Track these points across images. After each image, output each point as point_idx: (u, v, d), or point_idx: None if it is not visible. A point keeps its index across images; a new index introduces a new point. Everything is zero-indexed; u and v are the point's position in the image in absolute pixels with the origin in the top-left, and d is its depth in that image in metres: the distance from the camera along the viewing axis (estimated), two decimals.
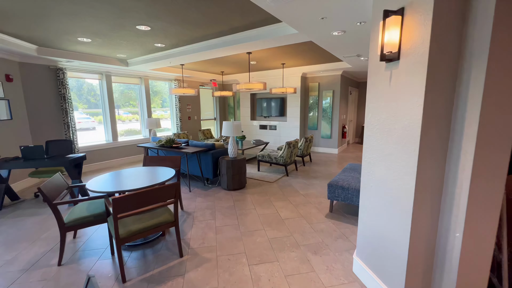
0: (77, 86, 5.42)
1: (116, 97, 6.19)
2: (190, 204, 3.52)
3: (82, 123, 5.57)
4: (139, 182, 2.38)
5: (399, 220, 1.53)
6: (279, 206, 3.40)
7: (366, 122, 1.81)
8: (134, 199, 1.93)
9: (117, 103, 6.16)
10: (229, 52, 4.20)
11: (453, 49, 1.32)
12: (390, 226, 1.61)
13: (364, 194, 1.87)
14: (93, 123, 5.70)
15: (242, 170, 4.07)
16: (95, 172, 5.33)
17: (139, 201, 1.96)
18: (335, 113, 6.90)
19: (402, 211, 1.51)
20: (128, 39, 3.84)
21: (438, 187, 1.45)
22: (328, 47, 3.87)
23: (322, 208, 3.31)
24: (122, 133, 6.34)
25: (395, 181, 1.56)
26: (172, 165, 3.23)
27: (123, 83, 6.15)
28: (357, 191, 2.85)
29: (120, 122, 6.29)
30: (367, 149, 1.82)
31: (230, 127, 3.93)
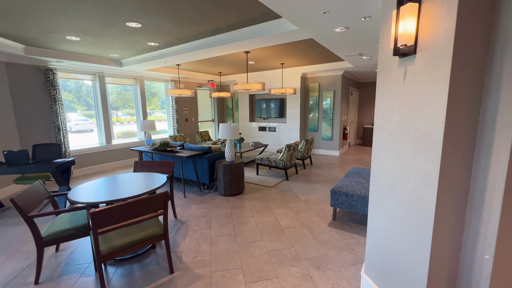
0: (76, 87, 5.27)
1: (113, 98, 6.05)
2: (185, 211, 3.32)
3: (79, 125, 5.41)
4: (126, 191, 2.18)
5: (417, 237, 1.33)
6: (278, 214, 3.20)
7: (376, 125, 1.62)
8: (117, 212, 1.73)
9: (115, 104, 6.04)
10: (226, 51, 4.02)
11: (482, 41, 1.13)
12: (405, 243, 1.42)
13: (374, 205, 1.67)
14: (90, 125, 5.56)
15: (239, 174, 3.87)
16: (87, 176, 5.12)
17: (123, 214, 1.76)
18: (336, 114, 6.71)
19: (421, 228, 1.31)
20: (119, 38, 3.65)
21: (462, 201, 1.26)
22: (329, 45, 3.69)
23: (325, 216, 3.11)
24: (119, 135, 6.18)
25: (411, 193, 1.36)
26: (164, 171, 3.03)
27: (117, 84, 5.96)
28: (362, 198, 2.65)
29: (118, 123, 6.17)
30: (377, 155, 1.63)
31: (227, 130, 3.73)
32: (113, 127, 5.93)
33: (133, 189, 2.24)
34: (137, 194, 2.10)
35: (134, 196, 2.08)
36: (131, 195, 2.09)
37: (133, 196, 2.07)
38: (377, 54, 4.43)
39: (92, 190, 2.22)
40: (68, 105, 5.19)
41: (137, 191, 2.17)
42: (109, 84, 5.80)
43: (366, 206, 2.63)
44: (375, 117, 1.62)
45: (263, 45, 3.61)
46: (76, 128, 5.37)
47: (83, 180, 4.86)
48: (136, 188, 2.27)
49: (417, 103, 1.30)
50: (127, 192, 2.16)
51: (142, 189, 2.24)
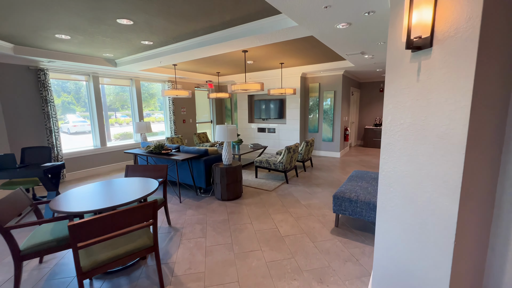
0: (75, 89, 5.19)
1: (111, 99, 5.94)
2: (179, 217, 3.16)
3: (78, 126, 5.32)
4: (114, 199, 2.02)
5: (435, 255, 1.18)
6: (278, 220, 3.04)
7: (385, 127, 1.47)
8: (100, 224, 1.57)
9: (114, 105, 5.95)
10: (223, 50, 3.87)
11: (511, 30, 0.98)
12: (420, 260, 1.26)
13: (382, 215, 1.51)
14: (89, 127, 5.49)
15: (237, 178, 3.71)
16: (80, 180, 4.96)
17: (106, 226, 1.60)
18: (336, 115, 6.56)
19: (439, 244, 1.15)
20: (111, 36, 3.50)
21: (488, 215, 1.10)
22: (330, 44, 3.54)
23: (327, 222, 2.95)
24: (117, 136, 6.07)
25: (427, 203, 1.20)
26: (157, 175, 2.87)
27: (112, 85, 5.80)
28: (367, 204, 2.50)
29: (117, 125, 6.08)
30: (385, 160, 1.47)
31: (224, 132, 3.58)
32: (109, 129, 5.82)
33: (122, 196, 2.08)
34: (125, 202, 1.95)
35: (122, 205, 1.92)
36: (119, 203, 1.93)
37: (120, 204, 1.92)
38: (380, 53, 4.28)
39: (77, 198, 2.06)
40: (67, 107, 5.10)
41: (126, 199, 2.01)
42: (104, 85, 5.65)
43: (371, 212, 2.48)
44: (383, 119, 1.47)
45: (261, 43, 3.46)
46: (75, 130, 5.29)
47: (76, 184, 4.70)
48: (125, 195, 2.11)
49: (434, 102, 1.14)
50: (115, 199, 2.00)
51: (131, 196, 2.08)
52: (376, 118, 8.37)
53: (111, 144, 5.78)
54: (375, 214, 2.45)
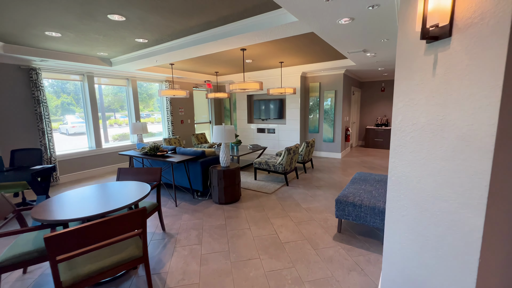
0: (74, 90, 5.13)
1: (110, 100, 5.84)
2: (175, 222, 3.02)
3: (76, 127, 5.25)
4: (102, 205, 1.89)
5: (456, 273, 1.04)
6: (278, 225, 2.90)
7: (395, 128, 1.33)
8: (82, 234, 1.43)
9: (112, 106, 5.87)
10: (220, 48, 3.73)
11: None
12: (436, 277, 1.12)
13: (392, 225, 1.38)
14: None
15: (235, 181, 3.57)
16: (75, 183, 4.82)
17: (89, 236, 1.46)
18: (337, 115, 6.43)
19: (461, 261, 1.01)
20: (104, 33, 3.36)
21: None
22: (332, 40, 3.40)
23: (329, 227, 2.81)
24: (116, 137, 6.01)
25: (445, 215, 1.07)
26: (151, 178, 2.73)
27: (108, 84, 5.67)
28: (371, 208, 2.36)
29: (117, 125, 6.02)
30: (395, 164, 1.33)
31: (222, 133, 3.44)
32: (107, 129, 5.74)
33: (110, 202, 1.94)
34: (113, 209, 1.81)
35: (110, 212, 1.78)
36: (106, 210, 1.79)
37: (108, 211, 1.78)
38: (383, 51, 4.14)
39: (62, 204, 1.92)
40: (66, 108, 5.04)
41: (114, 205, 1.87)
42: (100, 85, 5.52)
43: (376, 218, 2.34)
44: (393, 118, 1.33)
45: (259, 40, 3.32)
46: (73, 131, 5.21)
47: (70, 186, 4.56)
48: (113, 201, 1.97)
49: (453, 99, 1.00)
50: (103, 206, 1.87)
51: (120, 202, 1.94)
52: (378, 118, 8.24)
53: (107, 146, 5.64)
54: (380, 219, 2.31)
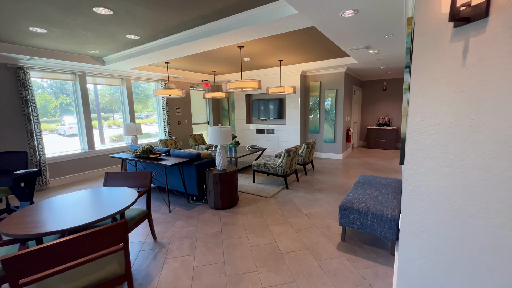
0: (73, 90, 5.04)
1: (106, 100, 5.70)
2: (167, 230, 2.83)
3: (74, 128, 5.14)
4: (81, 216, 1.70)
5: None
6: (277, 232, 2.71)
7: (411, 129, 1.14)
8: (51, 253, 1.24)
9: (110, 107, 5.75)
10: (216, 44, 3.54)
11: None
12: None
13: (408, 242, 1.19)
14: None
15: (232, 184, 3.38)
16: (66, 186, 4.63)
17: (59, 255, 1.27)
18: (338, 115, 6.24)
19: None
20: (92, 29, 3.17)
21: None
22: (334, 36, 3.22)
23: (332, 235, 2.62)
24: (114, 138, 5.90)
25: (481, 236, 0.88)
26: (140, 184, 2.54)
27: (101, 84, 5.48)
28: (379, 216, 2.17)
29: (115, 126, 5.94)
30: (412, 172, 1.14)
31: (217, 134, 3.25)
32: (103, 130, 5.61)
33: (91, 212, 1.75)
34: (93, 221, 1.62)
35: (90, 223, 1.59)
36: (84, 222, 1.60)
37: (87, 224, 1.59)
38: (386, 47, 3.96)
39: (39, 214, 1.73)
40: (65, 108, 4.98)
41: (95, 216, 1.69)
42: (91, 84, 5.33)
43: (384, 226, 2.15)
44: (409, 117, 1.14)
45: (257, 35, 3.14)
46: (71, 132, 5.09)
47: (59, 190, 4.37)
48: (95, 211, 1.78)
49: (491, 95, 0.82)
50: (82, 217, 1.68)
51: (103, 211, 1.75)
52: (379, 117, 8.06)
53: (100, 148, 5.45)
54: (389, 228, 2.13)
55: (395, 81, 7.69)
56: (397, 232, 2.13)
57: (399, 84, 7.62)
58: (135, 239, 2.63)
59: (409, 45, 2.04)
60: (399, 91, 7.64)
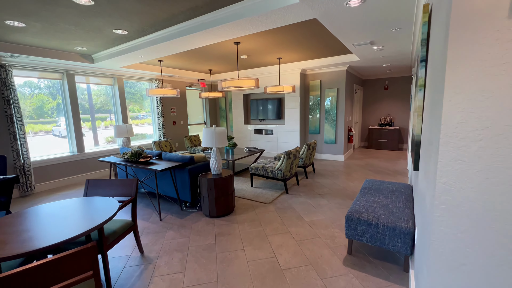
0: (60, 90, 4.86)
1: (102, 101, 5.54)
2: (156, 241, 2.58)
3: None
4: (50, 235, 1.45)
5: None
6: (277, 244, 2.47)
7: (447, 132, 0.90)
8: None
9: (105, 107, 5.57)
10: (210, 39, 3.30)
11: None
12: None
13: (441, 275, 0.95)
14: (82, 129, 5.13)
15: (228, 190, 3.14)
16: (52, 192, 4.37)
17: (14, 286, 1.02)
18: (340, 115, 6.01)
19: None
20: (75, 22, 2.92)
21: None
22: (337, 30, 2.98)
23: (337, 247, 2.39)
24: (109, 139, 5.73)
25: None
26: (125, 192, 2.29)
27: (90, 83, 5.22)
28: (391, 229, 1.93)
29: (112, 127, 5.78)
30: (447, 187, 0.90)
31: (212, 136, 3.01)
32: (97, 132, 5.40)
33: (61, 230, 1.51)
34: (59, 242, 1.37)
35: (55, 245, 1.35)
36: (51, 243, 1.36)
37: (51, 246, 1.34)
38: (391, 43, 3.73)
39: (2, 233, 1.48)
40: (62, 109, 4.83)
41: (66, 234, 1.44)
42: (87, 84, 5.08)
43: (397, 240, 1.91)
44: (444, 119, 0.90)
45: (254, 29, 2.89)
46: (65, 133, 4.91)
47: (45, 196, 4.11)
48: (67, 228, 1.53)
49: None
50: (51, 236, 1.43)
51: (75, 229, 1.51)
52: (381, 117, 7.84)
53: (91, 150, 5.19)
54: (403, 243, 1.89)
55: (397, 80, 7.47)
56: (412, 247, 1.89)
57: (401, 83, 7.40)
58: (119, 253, 2.38)
59: (425, 35, 1.81)
60: (402, 90, 7.42)
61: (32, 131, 4.49)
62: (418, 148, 1.92)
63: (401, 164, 5.62)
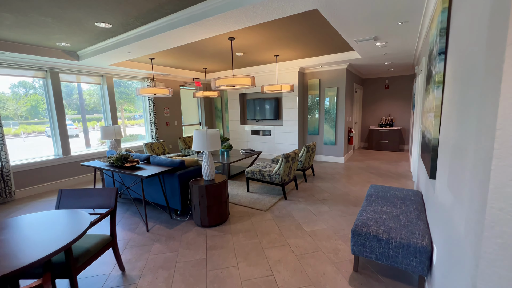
0: (66, 91, 4.82)
1: (95, 101, 5.30)
2: (140, 256, 2.32)
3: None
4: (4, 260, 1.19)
5: None
6: (274, 259, 2.22)
7: (504, 140, 0.66)
8: None
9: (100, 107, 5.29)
10: (202, 33, 3.04)
11: None
12: None
13: None
14: (75, 130, 5.03)
15: (221, 198, 2.89)
16: (34, 198, 4.08)
17: None
18: (339, 115, 5.78)
19: None
20: (52, 14, 2.65)
21: None
22: (339, 22, 2.74)
23: (341, 263, 2.14)
24: (104, 141, 5.50)
25: None
26: (104, 203, 2.03)
27: (77, 82, 4.93)
28: (406, 246, 1.69)
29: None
30: (502, 216, 0.66)
31: (203, 139, 2.75)
32: (88, 133, 5.16)
33: (15, 255, 1.25)
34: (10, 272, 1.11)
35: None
36: None
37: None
38: (396, 39, 3.50)
39: None
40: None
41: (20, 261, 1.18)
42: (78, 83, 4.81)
43: (412, 259, 1.67)
44: (500, 122, 0.66)
45: (249, 22, 2.64)
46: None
47: (26, 203, 3.82)
48: (22, 252, 1.27)
49: None
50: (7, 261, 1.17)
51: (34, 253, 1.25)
52: (381, 117, 7.63)
53: (78, 153, 4.90)
54: (418, 262, 1.65)
55: (398, 79, 7.27)
56: (429, 267, 1.65)
57: (402, 82, 7.20)
58: (97, 271, 2.12)
59: (444, 24, 1.57)
60: (403, 89, 7.22)
61: (25, 132, 4.32)
62: (435, 153, 1.68)
63: (403, 166, 5.41)
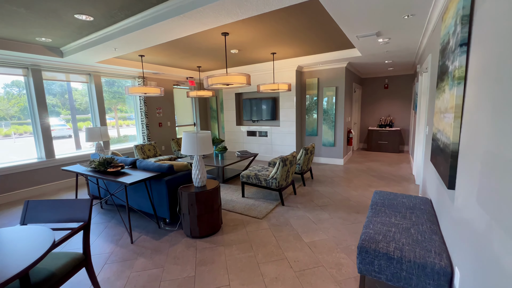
0: (60, 91, 4.67)
1: (87, 101, 5.06)
2: (121, 274, 2.07)
3: (56, 130, 4.63)
4: None
5: None
6: (271, 277, 1.99)
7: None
8: None
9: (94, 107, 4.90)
10: (192, 27, 2.80)
11: None
12: None
13: None
14: (68, 131, 4.84)
15: (213, 206, 2.65)
16: (14, 205, 3.79)
17: None
18: (339, 115, 5.58)
19: None
20: (24, 4, 2.39)
21: None
22: (341, 15, 2.52)
23: (345, 281, 1.92)
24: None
25: None
26: (76, 216, 1.78)
27: (64, 81, 4.65)
28: (422, 267, 1.47)
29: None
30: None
31: (193, 142, 2.51)
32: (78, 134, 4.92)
33: None
34: None
35: None
36: None
37: None
38: (400, 34, 3.30)
39: None
40: (52, 110, 4.58)
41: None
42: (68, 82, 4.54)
43: (429, 282, 1.45)
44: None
45: (243, 13, 2.41)
46: (53, 134, 4.53)
47: (4, 211, 3.54)
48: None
49: None
50: None
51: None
52: (381, 118, 7.45)
53: (63, 156, 4.62)
54: (437, 286, 1.43)
55: (398, 78, 7.09)
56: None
57: (402, 81, 7.03)
58: None
59: (467, 10, 1.36)
60: (402, 89, 7.05)
61: (16, 132, 4.15)
62: (454, 160, 1.47)
63: (404, 168, 5.22)
